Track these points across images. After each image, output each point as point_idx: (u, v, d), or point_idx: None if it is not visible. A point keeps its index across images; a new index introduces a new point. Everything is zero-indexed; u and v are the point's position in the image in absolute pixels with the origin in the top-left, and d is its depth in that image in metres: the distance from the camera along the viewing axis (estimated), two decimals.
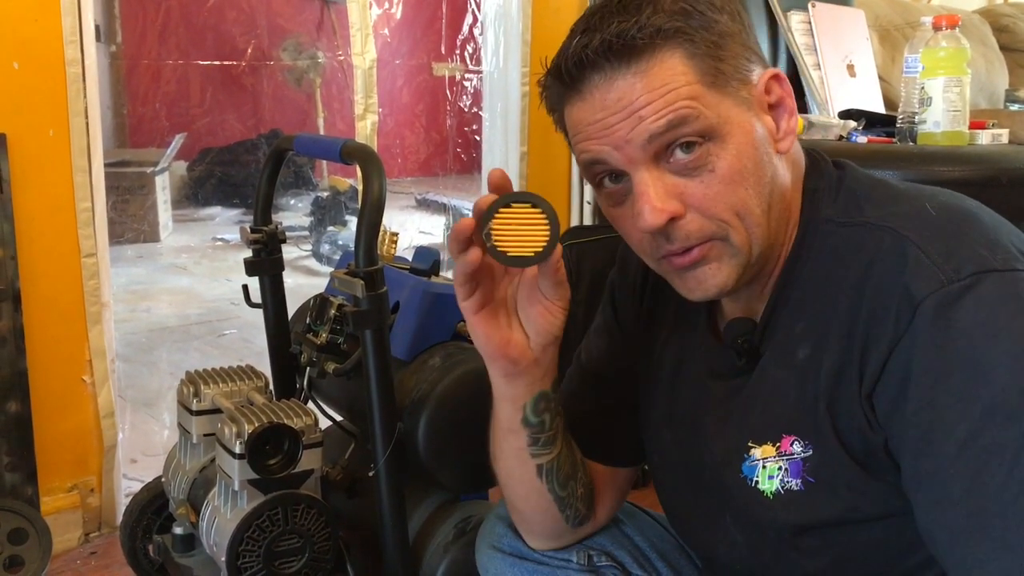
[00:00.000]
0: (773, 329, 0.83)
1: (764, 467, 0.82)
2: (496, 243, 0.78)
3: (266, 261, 1.50)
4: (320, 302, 1.39)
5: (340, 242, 4.55)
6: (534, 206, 0.78)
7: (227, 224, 5.31)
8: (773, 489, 0.82)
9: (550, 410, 0.92)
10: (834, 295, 0.78)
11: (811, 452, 0.79)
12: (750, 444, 0.84)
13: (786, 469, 0.81)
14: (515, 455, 0.94)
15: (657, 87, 0.76)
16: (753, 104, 0.80)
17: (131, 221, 4.68)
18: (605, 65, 0.77)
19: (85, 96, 1.81)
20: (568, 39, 0.80)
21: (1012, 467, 0.66)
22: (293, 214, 5.37)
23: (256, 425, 1.18)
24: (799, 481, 0.80)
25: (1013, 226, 0.78)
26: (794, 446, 0.80)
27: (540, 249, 0.78)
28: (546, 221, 0.78)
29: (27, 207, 1.78)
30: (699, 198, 0.78)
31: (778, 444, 0.82)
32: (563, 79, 0.80)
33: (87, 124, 1.82)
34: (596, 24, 0.78)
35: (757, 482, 0.83)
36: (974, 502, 0.68)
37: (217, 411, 1.35)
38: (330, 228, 4.82)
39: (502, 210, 0.78)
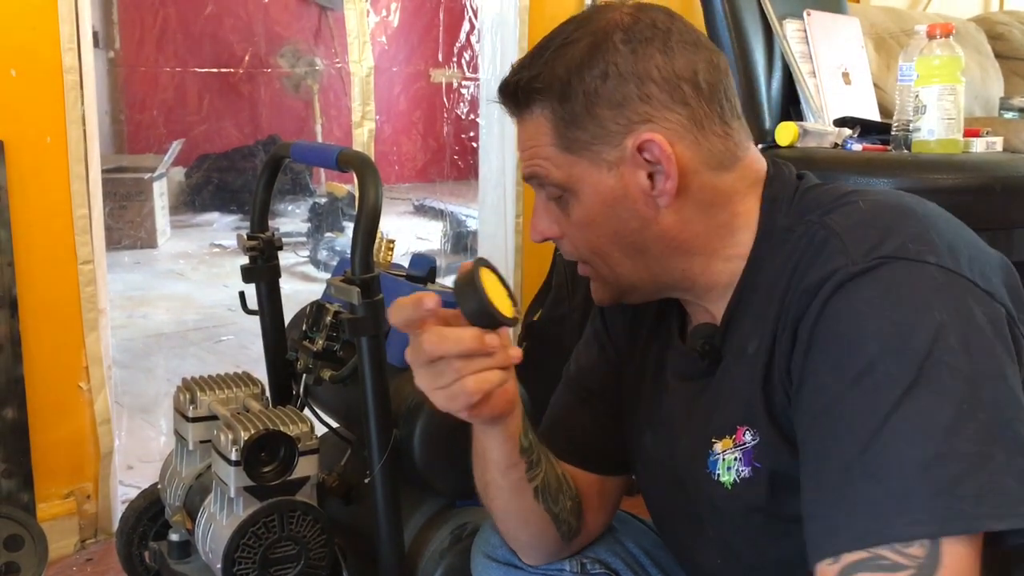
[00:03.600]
0: (731, 331, 0.87)
1: (723, 460, 0.85)
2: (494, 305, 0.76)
3: (263, 267, 1.51)
4: (316, 309, 1.39)
5: (338, 248, 4.54)
6: (493, 271, 0.79)
7: (224, 230, 5.29)
8: (731, 480, 0.84)
9: (531, 427, 0.93)
10: (775, 291, 0.81)
11: (758, 439, 0.82)
12: (713, 440, 0.86)
13: (740, 459, 0.83)
14: (513, 487, 0.94)
15: (525, 139, 0.88)
16: (619, 163, 0.84)
17: (128, 227, 4.66)
18: (506, 106, 0.89)
19: (83, 103, 1.81)
20: None
21: (860, 432, 0.67)
22: (290, 220, 5.35)
23: (252, 432, 1.18)
24: (748, 468, 0.83)
25: (958, 223, 0.79)
26: (746, 435, 0.83)
27: (514, 311, 0.78)
28: (503, 284, 0.79)
29: (24, 213, 1.78)
30: (568, 229, 0.89)
31: (734, 436, 0.84)
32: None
33: (84, 131, 1.82)
34: (518, 64, 0.88)
35: (719, 475, 0.85)
36: (824, 473, 0.69)
37: (213, 418, 1.35)
38: (327, 234, 4.80)
39: (483, 272, 0.76)
